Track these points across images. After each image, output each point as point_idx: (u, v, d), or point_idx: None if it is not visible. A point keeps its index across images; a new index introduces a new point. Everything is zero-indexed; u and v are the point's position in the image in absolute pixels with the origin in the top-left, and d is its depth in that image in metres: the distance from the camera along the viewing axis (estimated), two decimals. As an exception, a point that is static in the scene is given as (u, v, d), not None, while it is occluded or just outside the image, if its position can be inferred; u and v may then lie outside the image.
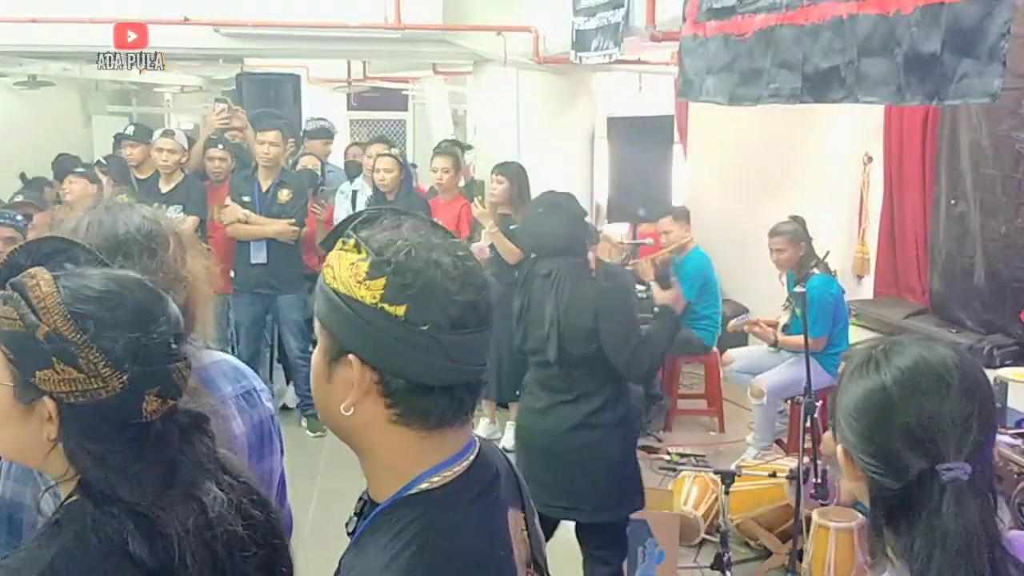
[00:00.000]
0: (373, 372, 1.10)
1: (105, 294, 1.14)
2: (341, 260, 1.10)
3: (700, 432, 6.07)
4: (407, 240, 1.10)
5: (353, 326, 1.09)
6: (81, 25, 5.76)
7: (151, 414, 1.15)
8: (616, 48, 4.62)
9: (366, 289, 1.08)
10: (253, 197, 5.73)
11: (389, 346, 1.08)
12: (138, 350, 1.13)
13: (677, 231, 5.95)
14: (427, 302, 1.08)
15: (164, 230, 1.57)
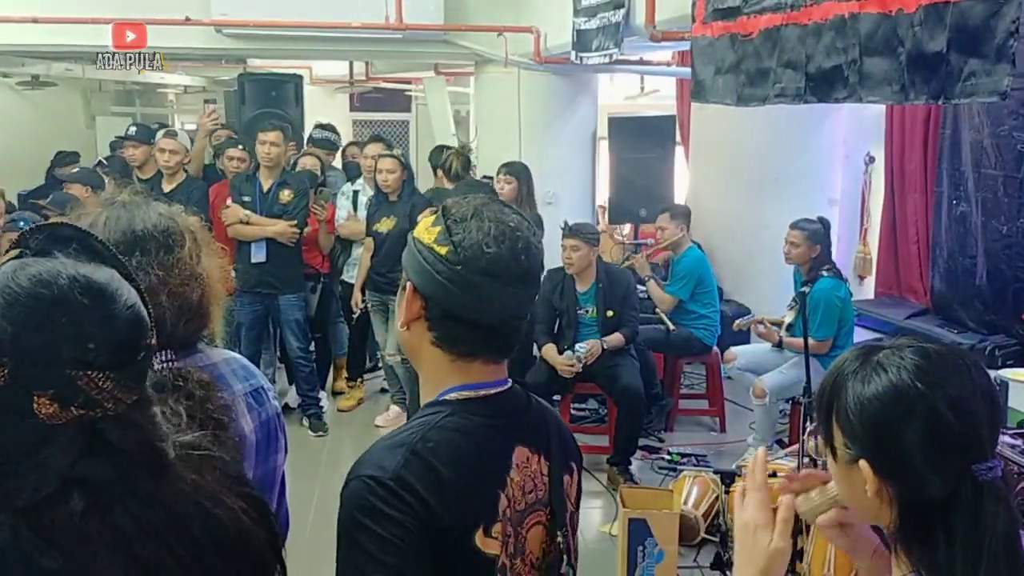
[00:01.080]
0: (421, 299, 1.38)
1: (30, 286, 1.07)
2: (426, 217, 1.42)
3: (701, 432, 6.07)
4: (469, 204, 1.40)
5: (414, 261, 1.39)
6: (83, 25, 5.77)
7: (49, 416, 1.06)
8: (616, 48, 4.62)
9: (427, 233, 1.39)
10: (254, 197, 5.73)
11: (432, 278, 1.37)
12: (23, 347, 1.05)
13: (672, 229, 5.95)
14: (465, 248, 1.35)
15: (180, 227, 1.58)
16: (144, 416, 1.16)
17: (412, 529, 1.28)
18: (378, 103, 11.91)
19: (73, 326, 1.06)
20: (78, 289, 1.08)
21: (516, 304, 1.40)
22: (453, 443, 1.36)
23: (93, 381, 1.07)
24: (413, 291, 1.38)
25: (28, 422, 1.05)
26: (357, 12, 5.80)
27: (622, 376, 5.13)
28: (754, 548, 1.27)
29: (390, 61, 9.38)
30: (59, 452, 1.08)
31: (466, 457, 1.36)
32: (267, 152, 5.68)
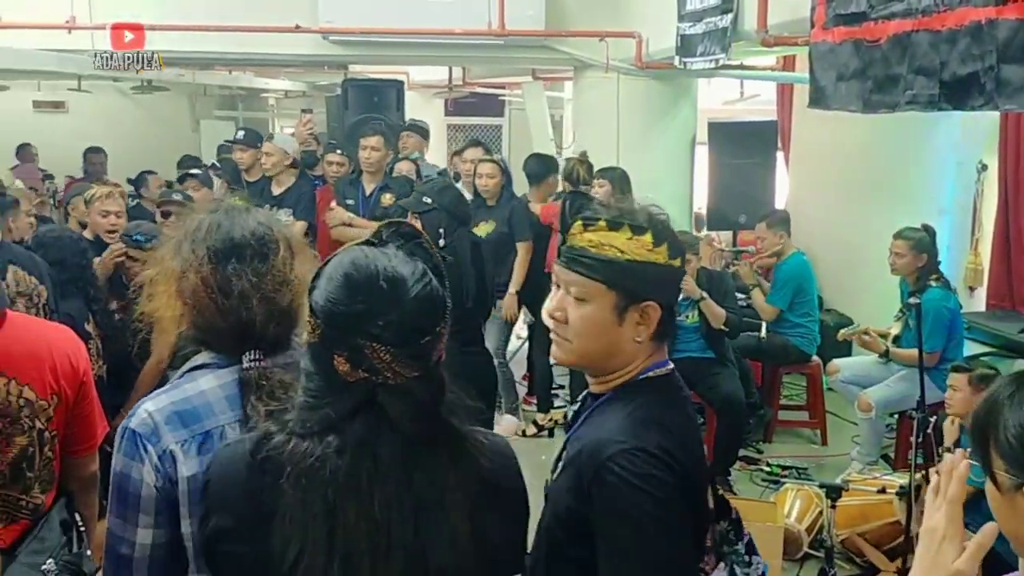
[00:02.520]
0: (661, 308, 1.59)
1: (348, 268, 1.33)
2: (612, 238, 1.57)
3: (801, 444, 5.94)
4: (644, 210, 1.61)
5: (650, 281, 1.58)
6: (195, 33, 6.00)
7: (344, 373, 1.31)
8: (723, 53, 4.56)
9: (656, 254, 1.58)
10: (357, 200, 5.84)
11: (672, 287, 1.64)
12: (330, 314, 1.31)
13: (771, 238, 5.85)
14: (682, 248, 1.63)
15: (276, 235, 1.64)
16: (423, 392, 1.33)
17: (680, 492, 1.50)
18: (472, 108, 12.01)
19: (368, 305, 1.30)
20: (382, 276, 1.31)
21: None
22: (677, 414, 1.61)
23: (376, 352, 1.29)
24: (657, 305, 1.59)
25: (331, 373, 1.32)
26: (460, 19, 5.87)
27: (723, 385, 5.05)
28: (935, 560, 1.21)
29: (488, 66, 9.46)
30: (343, 401, 1.32)
31: (688, 425, 1.64)
32: (368, 157, 5.79)
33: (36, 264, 3.23)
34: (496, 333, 5.90)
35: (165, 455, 1.50)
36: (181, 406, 1.55)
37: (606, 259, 1.56)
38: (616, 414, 1.58)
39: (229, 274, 1.55)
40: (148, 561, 1.52)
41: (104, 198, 4.63)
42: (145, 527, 1.51)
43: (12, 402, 1.97)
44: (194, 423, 1.54)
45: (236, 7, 5.79)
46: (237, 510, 1.34)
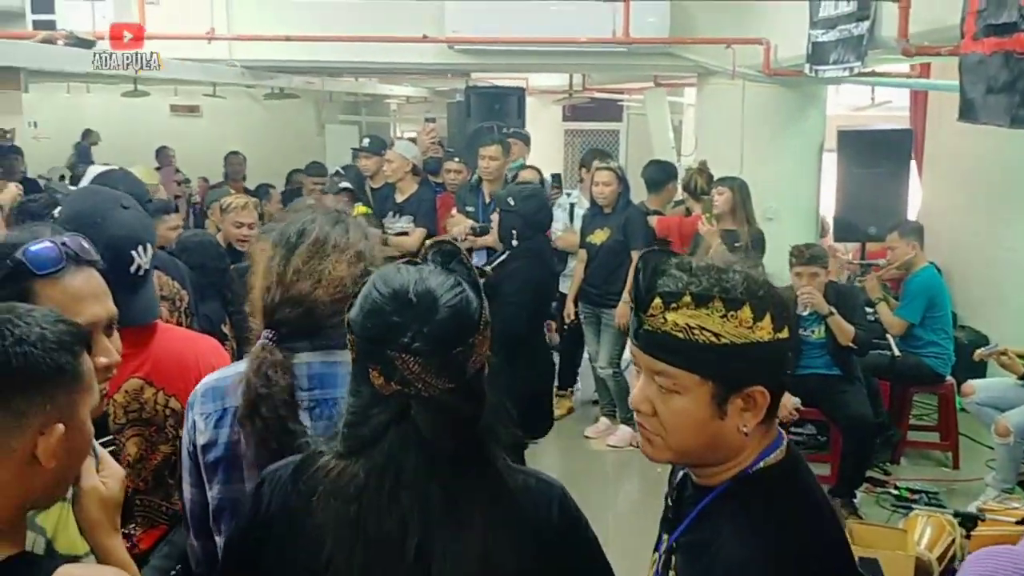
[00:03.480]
0: (768, 392, 1.33)
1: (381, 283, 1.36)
2: (702, 318, 1.29)
3: (931, 467, 5.69)
4: (740, 274, 1.33)
5: (754, 364, 1.31)
6: (326, 43, 6.18)
7: (379, 386, 1.32)
8: (859, 62, 4.40)
9: (760, 330, 1.30)
10: (477, 208, 5.91)
11: (783, 364, 1.35)
12: (364, 327, 1.34)
13: (903, 247, 5.62)
14: (790, 314, 1.35)
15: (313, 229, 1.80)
16: (457, 405, 1.33)
17: None
18: (590, 113, 11.98)
19: (397, 317, 1.31)
20: (412, 289, 1.33)
21: None
22: (810, 512, 1.38)
23: (406, 363, 1.30)
24: (765, 392, 1.33)
25: (369, 388, 1.34)
26: (583, 27, 5.86)
27: (851, 404, 4.88)
28: None
29: (610, 73, 9.43)
30: (378, 416, 1.33)
31: (825, 520, 1.40)
32: (487, 165, 5.86)
33: (178, 269, 3.34)
34: (610, 343, 5.88)
35: (192, 424, 1.76)
36: (218, 383, 1.77)
37: (698, 346, 1.30)
38: (738, 522, 1.35)
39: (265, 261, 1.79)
40: (190, 515, 1.81)
41: (240, 209, 4.82)
42: (188, 484, 1.80)
43: (159, 411, 2.02)
44: (219, 399, 1.75)
45: (367, 19, 5.93)
46: (279, 528, 1.41)
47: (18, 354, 1.19)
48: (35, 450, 1.21)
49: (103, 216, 2.04)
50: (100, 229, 1.98)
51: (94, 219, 2.03)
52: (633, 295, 1.37)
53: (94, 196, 2.21)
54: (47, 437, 1.21)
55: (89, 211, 2.07)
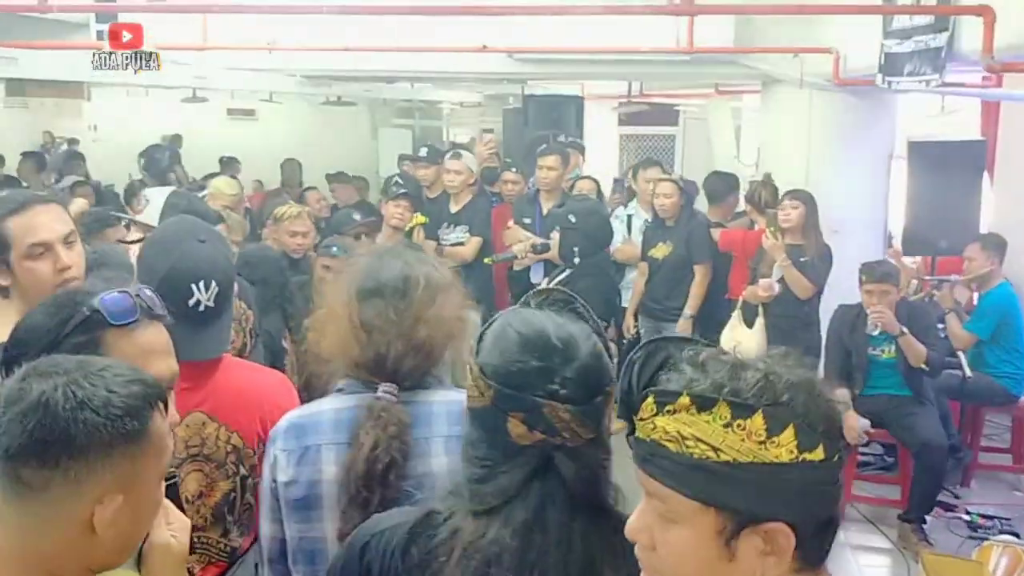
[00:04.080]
0: (792, 531, 1.01)
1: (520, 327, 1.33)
2: (701, 427, 1.00)
3: (1003, 491, 5.51)
4: (757, 372, 1.01)
5: (771, 492, 0.99)
6: (385, 53, 6.17)
7: (517, 436, 1.27)
8: (936, 75, 4.24)
9: (777, 447, 0.99)
10: (534, 219, 5.84)
11: (812, 495, 1.01)
12: (506, 374, 1.28)
13: (981, 260, 5.45)
14: (831, 431, 1.02)
15: (417, 274, 1.76)
16: (595, 455, 1.30)
17: None
18: (646, 117, 11.83)
19: (544, 362, 1.28)
20: (555, 335, 1.30)
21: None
22: None
23: (555, 411, 1.25)
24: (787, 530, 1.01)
25: (503, 438, 1.28)
26: (645, 35, 5.75)
27: (922, 427, 4.73)
28: None
29: (672, 81, 9.33)
30: (518, 468, 1.28)
31: None
32: (545, 176, 5.79)
33: (244, 288, 3.34)
34: (671, 358, 5.77)
35: (274, 459, 1.75)
36: (300, 420, 1.77)
37: (693, 462, 1.01)
38: None
39: (372, 312, 1.71)
40: (268, 552, 1.80)
41: (293, 218, 4.81)
42: (267, 520, 1.78)
43: (220, 447, 1.99)
44: (301, 437, 1.74)
45: (427, 28, 5.91)
46: None
47: (78, 420, 1.13)
48: (91, 518, 1.16)
49: (173, 246, 2.03)
50: (166, 259, 1.99)
51: (165, 247, 2.04)
52: (622, 392, 1.12)
53: (176, 225, 2.21)
54: (105, 507, 1.16)
55: (163, 239, 2.10)
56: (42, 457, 1.13)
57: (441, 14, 5.04)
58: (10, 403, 1.14)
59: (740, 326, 5.46)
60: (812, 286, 5.18)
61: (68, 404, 1.13)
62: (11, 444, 1.12)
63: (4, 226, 2.15)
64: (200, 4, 4.86)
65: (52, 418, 1.13)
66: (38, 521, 1.15)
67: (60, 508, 1.15)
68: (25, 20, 5.24)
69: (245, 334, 3.17)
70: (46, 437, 1.12)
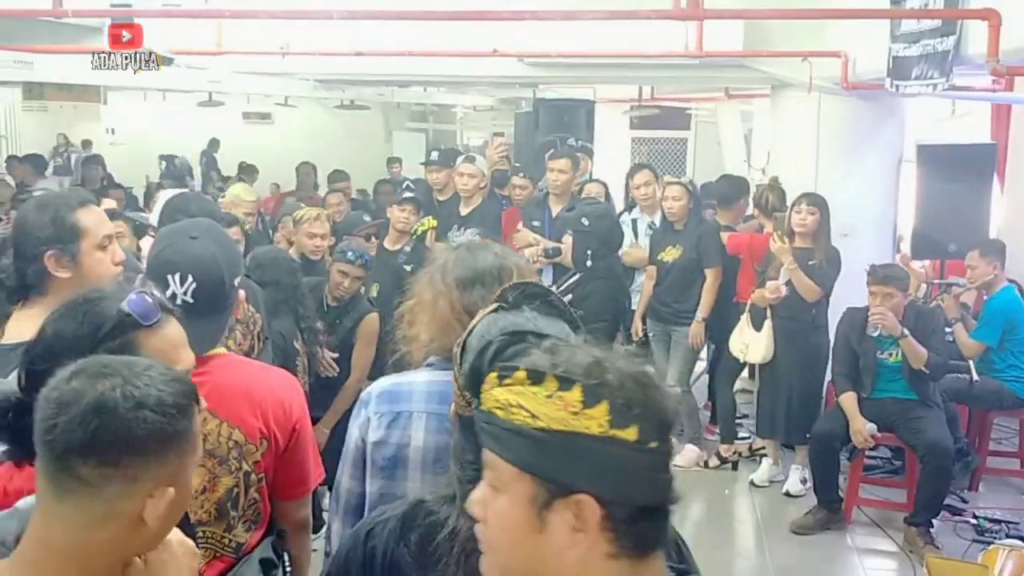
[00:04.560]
0: (602, 507, 1.03)
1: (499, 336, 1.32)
2: (527, 396, 1.05)
3: (1011, 494, 5.50)
4: (591, 357, 1.07)
5: (579, 463, 1.03)
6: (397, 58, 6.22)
7: None
8: (943, 78, 4.25)
9: (588, 419, 1.02)
10: (543, 222, 5.87)
11: (622, 474, 1.03)
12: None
13: (983, 267, 5.44)
14: (650, 417, 1.04)
15: (509, 264, 1.93)
16: None
17: None
18: (657, 121, 11.84)
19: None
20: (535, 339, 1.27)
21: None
22: None
23: None
24: (593, 502, 1.03)
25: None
26: (655, 39, 5.78)
27: (929, 431, 4.73)
28: None
29: (681, 84, 9.35)
30: None
31: None
32: (555, 179, 5.81)
33: (253, 291, 3.37)
34: (680, 360, 5.80)
35: (367, 420, 1.94)
36: (393, 388, 1.95)
37: (514, 427, 1.05)
38: None
39: (474, 298, 1.84)
40: (346, 506, 1.97)
41: (312, 220, 4.87)
42: (348, 476, 1.97)
43: (222, 443, 2.02)
44: (395, 403, 1.92)
45: (438, 33, 5.96)
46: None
47: (138, 419, 1.18)
48: (143, 511, 1.21)
49: (166, 242, 2.12)
50: (153, 252, 2.12)
51: (159, 243, 2.16)
52: (472, 368, 1.24)
53: (179, 224, 2.29)
54: (157, 500, 1.21)
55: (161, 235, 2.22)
56: (103, 456, 1.17)
57: (450, 19, 5.09)
58: (66, 404, 1.18)
59: (748, 329, 5.49)
60: (819, 290, 5.20)
61: (128, 404, 1.18)
62: (72, 444, 1.17)
63: (75, 217, 2.25)
64: (212, 9, 4.91)
65: (113, 418, 1.17)
66: (91, 517, 1.19)
67: (116, 504, 1.19)
68: (42, 24, 5.32)
69: (253, 337, 3.21)
70: (109, 437, 1.17)
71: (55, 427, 1.17)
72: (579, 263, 4.43)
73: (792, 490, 5.39)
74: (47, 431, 1.18)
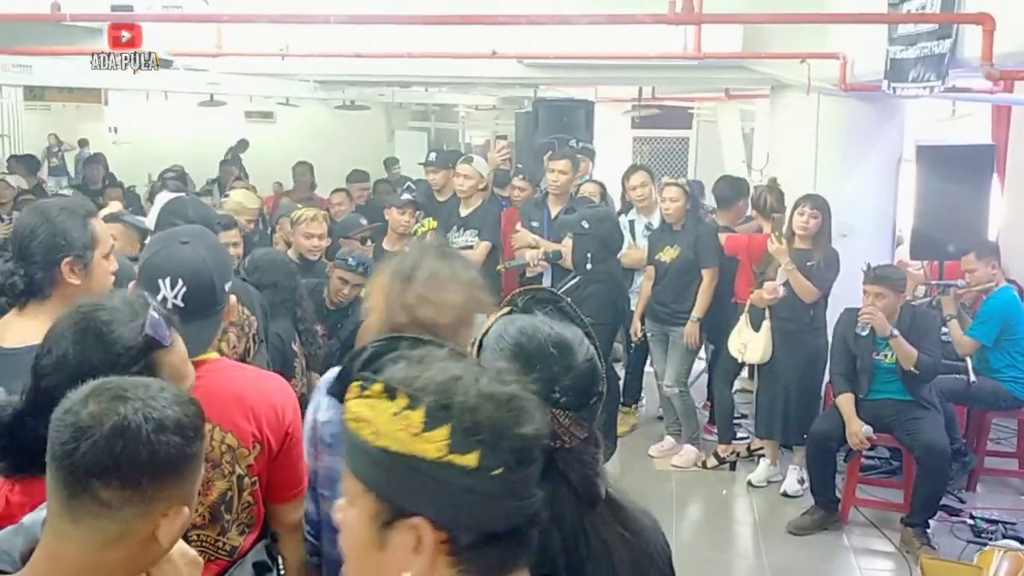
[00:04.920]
0: (440, 532, 1.02)
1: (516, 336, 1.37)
2: (377, 411, 1.03)
3: (1009, 495, 5.51)
4: (450, 374, 1.04)
5: (415, 486, 1.01)
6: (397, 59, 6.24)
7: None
8: (939, 81, 4.26)
9: (426, 443, 1.00)
10: (542, 223, 5.88)
11: (462, 500, 1.00)
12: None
13: (983, 270, 5.45)
14: (496, 443, 1.00)
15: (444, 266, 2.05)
16: (588, 452, 1.35)
17: None
18: (659, 120, 11.84)
19: (545, 372, 1.31)
20: (551, 342, 1.33)
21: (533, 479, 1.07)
22: None
23: (556, 417, 1.29)
24: (430, 527, 1.02)
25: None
26: (653, 41, 5.78)
27: (925, 431, 4.75)
28: None
29: (681, 85, 9.36)
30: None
31: None
32: (555, 179, 5.82)
33: (249, 293, 3.39)
34: (678, 361, 5.82)
35: (319, 403, 2.14)
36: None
37: (358, 442, 1.04)
38: None
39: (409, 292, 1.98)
40: (310, 482, 2.17)
41: (309, 221, 4.89)
42: (307, 455, 2.17)
43: (215, 447, 2.03)
44: None
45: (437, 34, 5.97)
46: None
47: (160, 442, 1.20)
48: (156, 531, 1.23)
49: (158, 247, 2.15)
50: (144, 258, 2.14)
51: (150, 248, 2.20)
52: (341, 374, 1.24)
53: (171, 230, 2.32)
54: (171, 520, 1.23)
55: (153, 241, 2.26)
56: (126, 479, 1.19)
57: (444, 23, 5.10)
58: (87, 428, 1.19)
59: (747, 329, 5.50)
60: (816, 291, 5.21)
61: (150, 426, 1.20)
62: (94, 468, 1.18)
63: (92, 225, 2.31)
64: (211, 13, 4.93)
65: (137, 441, 1.19)
66: (106, 537, 1.21)
67: (132, 524, 1.21)
68: (41, 26, 5.34)
69: (248, 339, 3.22)
70: (133, 460, 1.19)
71: (76, 451, 1.18)
72: (579, 265, 4.42)
73: (789, 490, 5.40)
74: (67, 455, 1.18)
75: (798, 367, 5.35)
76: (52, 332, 1.66)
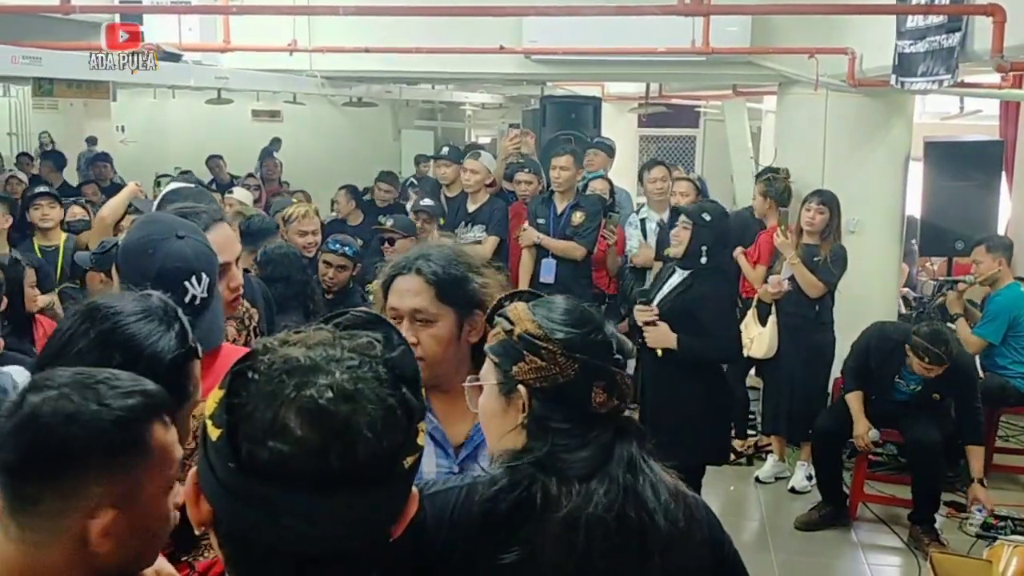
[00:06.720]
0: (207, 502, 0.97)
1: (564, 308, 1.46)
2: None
3: (1018, 491, 5.49)
4: (280, 353, 0.95)
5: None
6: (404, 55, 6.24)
7: (599, 406, 1.38)
8: (948, 75, 4.25)
9: (212, 396, 0.94)
10: (548, 219, 5.87)
11: (209, 477, 0.93)
12: (592, 345, 1.40)
13: (988, 263, 5.43)
14: (249, 431, 0.89)
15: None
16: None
17: None
18: (666, 119, 11.80)
19: (605, 333, 1.44)
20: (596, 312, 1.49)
21: (331, 525, 0.90)
22: None
23: (622, 377, 1.41)
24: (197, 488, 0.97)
25: (585, 409, 1.38)
26: (661, 36, 5.78)
27: (917, 427, 4.73)
28: None
29: (689, 82, 9.34)
30: (603, 435, 1.38)
31: None
32: (558, 176, 5.81)
33: (251, 286, 3.37)
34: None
35: None
36: None
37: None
38: None
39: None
40: None
41: (302, 218, 4.89)
42: None
43: None
44: None
45: (445, 30, 5.97)
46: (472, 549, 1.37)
47: (64, 435, 1.13)
48: (86, 534, 1.16)
49: (155, 248, 1.99)
50: (152, 260, 1.96)
51: (146, 250, 2.00)
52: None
53: (149, 226, 2.12)
54: (96, 522, 1.15)
55: (142, 243, 2.02)
56: (35, 472, 1.14)
57: (452, 15, 5.10)
58: (6, 418, 1.16)
59: (754, 324, 5.49)
60: (821, 286, 5.19)
61: (56, 419, 1.14)
62: (8, 459, 1.15)
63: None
64: (219, 5, 4.94)
65: (42, 432, 1.14)
66: (36, 535, 1.16)
67: (53, 522, 1.15)
68: (48, 20, 5.35)
69: (248, 331, 3.20)
70: (36, 452, 1.14)
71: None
72: (692, 257, 4.07)
73: (797, 486, 5.39)
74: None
75: (803, 363, 5.33)
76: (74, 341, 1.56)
